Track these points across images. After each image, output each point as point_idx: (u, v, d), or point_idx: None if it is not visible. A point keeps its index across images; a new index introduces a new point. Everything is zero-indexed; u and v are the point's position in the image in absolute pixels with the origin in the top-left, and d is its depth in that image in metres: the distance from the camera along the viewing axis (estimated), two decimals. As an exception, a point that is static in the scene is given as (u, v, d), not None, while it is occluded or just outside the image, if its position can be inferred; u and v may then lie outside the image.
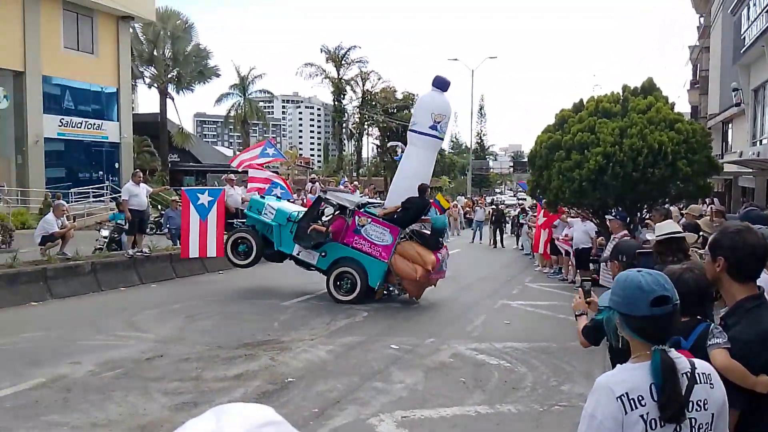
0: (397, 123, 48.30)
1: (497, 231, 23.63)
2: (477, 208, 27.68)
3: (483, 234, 25.29)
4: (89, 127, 28.67)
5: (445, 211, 19.15)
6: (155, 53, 39.33)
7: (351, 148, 61.47)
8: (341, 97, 54.31)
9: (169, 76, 40.08)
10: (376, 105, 53.77)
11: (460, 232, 29.14)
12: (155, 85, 40.24)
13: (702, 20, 33.23)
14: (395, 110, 51.22)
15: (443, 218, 13.13)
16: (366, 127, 55.95)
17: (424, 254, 10.61)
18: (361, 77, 54.38)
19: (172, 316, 9.35)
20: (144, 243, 12.99)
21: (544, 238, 15.24)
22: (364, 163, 58.88)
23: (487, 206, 29.02)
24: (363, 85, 54.77)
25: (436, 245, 11.04)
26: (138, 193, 12.71)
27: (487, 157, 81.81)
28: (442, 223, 12.09)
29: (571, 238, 13.26)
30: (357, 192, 21.76)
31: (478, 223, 25.72)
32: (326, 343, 7.90)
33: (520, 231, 22.41)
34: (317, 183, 26.12)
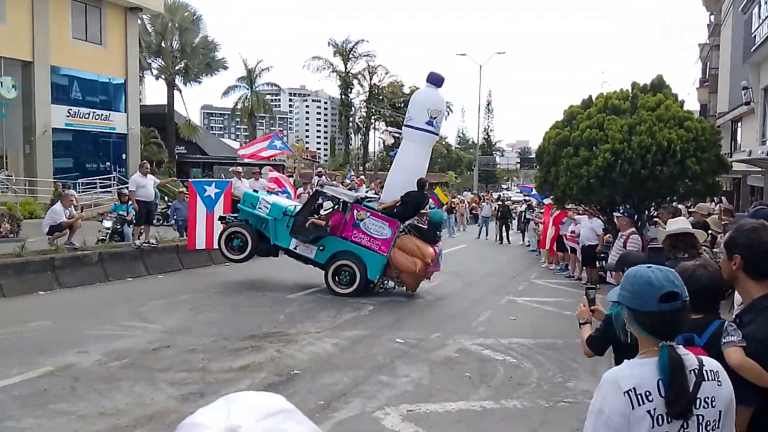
0: (404, 117, 48.23)
1: (503, 227, 23.62)
2: (483, 203, 27.62)
3: (489, 230, 25.27)
4: (97, 117, 28.72)
5: (443, 205, 19.32)
6: (163, 45, 39.32)
7: (358, 142, 61.47)
8: (348, 90, 54.28)
9: (177, 67, 40.07)
10: (383, 99, 53.76)
11: (466, 228, 29.11)
12: (163, 77, 40.24)
13: (712, 18, 32.99)
14: (402, 104, 51.12)
15: (441, 212, 13.47)
16: (373, 121, 55.91)
17: (423, 247, 10.85)
18: (369, 71, 54.36)
19: (178, 307, 9.38)
20: (151, 234, 13.03)
21: (551, 234, 15.22)
22: (370, 158, 58.85)
23: (493, 202, 28.94)
24: (370, 79, 54.76)
25: (433, 239, 11.30)
26: (145, 184, 12.75)
27: (494, 152, 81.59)
28: (440, 217, 12.36)
29: (578, 235, 13.23)
30: (363, 186, 21.76)
31: (485, 219, 25.69)
32: (332, 336, 7.91)
33: (526, 227, 22.37)
34: (324, 176, 26.14)
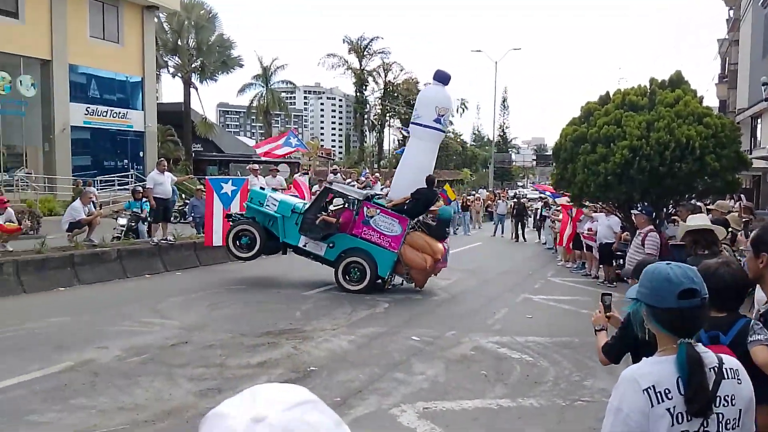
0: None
1: (519, 225, 23.50)
2: (499, 201, 27.51)
3: (504, 227, 25.17)
4: (114, 115, 28.98)
5: (451, 202, 19.43)
6: (179, 43, 39.58)
7: (372, 140, 61.48)
8: (363, 88, 54.32)
9: (193, 65, 40.32)
10: (398, 96, 53.70)
11: (481, 226, 29.02)
12: (179, 75, 40.52)
13: (731, 13, 32.55)
14: (417, 102, 51.01)
15: (449, 209, 13.65)
16: (388, 118, 55.89)
17: (432, 244, 10.96)
18: (384, 68, 54.35)
19: (196, 304, 9.46)
20: (168, 231, 13.13)
21: (569, 232, 15.13)
22: (385, 155, 58.84)
23: (509, 200, 28.81)
24: (385, 76, 54.74)
25: (442, 235, 11.41)
26: (162, 181, 12.84)
27: (509, 150, 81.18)
28: (449, 214, 12.48)
29: (595, 233, 13.13)
30: (378, 184, 21.78)
31: (500, 217, 25.58)
32: (348, 334, 7.94)
33: (542, 225, 22.24)
34: (339, 174, 26.19)
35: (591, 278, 13.74)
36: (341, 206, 11.76)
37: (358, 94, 54.82)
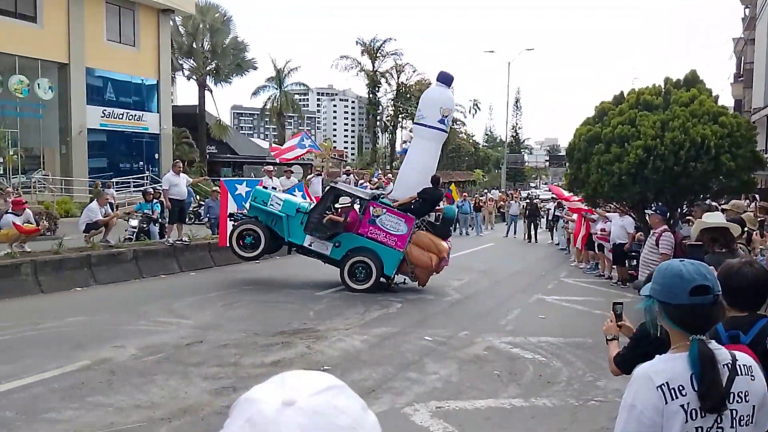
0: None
1: (532, 225, 23.42)
2: (512, 202, 27.43)
3: (517, 228, 25.10)
4: (130, 118, 29.27)
5: (455, 201, 19.61)
6: (194, 46, 39.83)
7: (385, 141, 61.50)
8: (376, 89, 54.35)
9: (208, 68, 40.57)
10: (410, 97, 53.63)
11: (494, 227, 28.95)
12: (194, 78, 40.78)
13: (747, 11, 32.20)
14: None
15: (454, 208, 13.87)
16: (400, 119, 55.89)
17: (437, 243, 11.09)
18: (396, 69, 54.36)
19: (210, 304, 9.55)
20: (183, 232, 13.25)
21: (582, 233, 15.07)
22: (397, 156, 58.85)
23: (521, 200, 28.72)
24: (398, 78, 54.75)
25: (446, 234, 11.59)
26: (178, 183, 12.96)
27: (522, 150, 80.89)
28: (453, 213, 12.68)
29: (609, 233, 13.07)
30: (391, 184, 21.79)
31: (513, 217, 25.52)
32: (361, 333, 7.97)
33: (555, 225, 22.14)
34: (352, 175, 26.27)
35: (604, 279, 13.68)
36: (347, 205, 11.81)
37: (370, 95, 54.88)
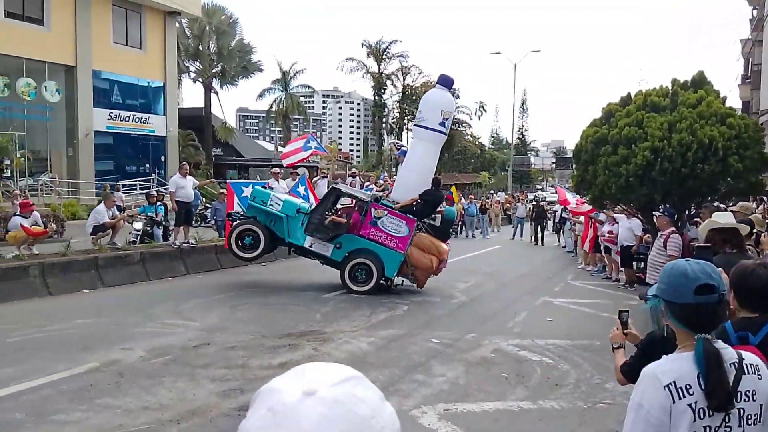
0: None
1: (538, 228, 23.35)
2: (518, 204, 27.38)
3: (524, 230, 25.03)
4: (137, 120, 29.39)
5: (454, 203, 19.85)
6: (200, 48, 40.01)
7: (390, 144, 61.52)
8: (382, 91, 54.39)
9: (214, 71, 40.73)
10: (416, 99, 53.60)
11: (500, 229, 28.90)
12: (200, 80, 40.96)
13: (755, 12, 32.07)
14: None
15: (454, 210, 14.07)
16: (406, 121, 55.88)
17: (438, 245, 11.22)
18: (402, 71, 54.39)
19: (217, 306, 9.57)
20: (190, 234, 13.28)
21: (590, 235, 15.02)
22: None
23: (528, 203, 28.66)
24: (403, 80, 54.77)
25: (446, 236, 11.78)
26: (184, 185, 13.00)
27: (528, 152, 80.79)
28: (453, 215, 12.87)
29: (616, 236, 13.02)
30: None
31: (519, 220, 25.45)
32: (367, 336, 7.97)
33: (562, 228, 22.08)
34: (358, 177, 26.25)
35: (612, 281, 13.63)
36: (348, 206, 11.81)
37: (376, 97, 54.91)
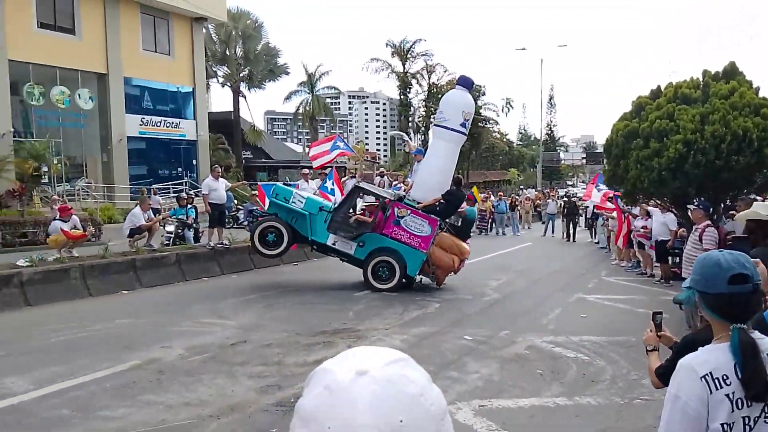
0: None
1: (570, 224, 23.07)
2: (548, 200, 27.14)
3: (555, 227, 24.80)
4: (168, 125, 29.91)
5: (476, 203, 20.08)
6: (227, 53, 40.52)
7: (417, 142, 61.49)
8: (407, 90, 54.36)
9: (241, 75, 41.21)
10: (441, 98, 53.54)
11: (530, 226, 28.69)
12: (228, 84, 41.48)
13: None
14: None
15: (475, 210, 14.24)
16: (432, 120, 55.79)
17: (459, 244, 11.32)
18: (427, 70, 54.26)
19: (252, 305, 9.73)
20: (224, 235, 13.50)
21: (624, 231, 14.83)
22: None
23: (558, 199, 28.37)
24: (429, 78, 54.66)
25: (467, 235, 11.87)
26: (217, 187, 13.21)
27: (557, 148, 79.98)
28: (474, 214, 13.08)
29: (650, 230, 12.85)
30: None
31: (550, 216, 25.22)
32: (400, 333, 8.02)
33: (594, 223, 21.83)
34: (386, 177, 26.32)
35: (646, 277, 13.45)
36: (372, 204, 11.87)
37: (402, 96, 54.91)
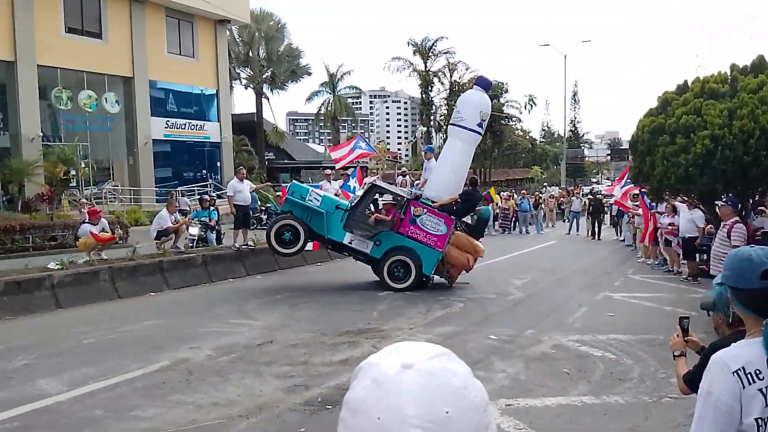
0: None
1: (596, 222, 22.78)
2: (572, 198, 26.87)
3: (579, 225, 24.55)
4: (192, 128, 30.28)
5: (492, 202, 20.24)
6: (250, 54, 40.85)
7: (439, 141, 61.36)
8: (429, 89, 54.28)
9: (264, 76, 41.51)
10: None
11: (555, 224, 28.45)
12: (251, 86, 41.82)
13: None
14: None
15: (489, 209, 14.37)
16: (454, 118, 55.55)
17: (475, 244, 11.41)
18: (449, 68, 54.12)
19: (277, 305, 9.82)
20: (249, 237, 13.63)
21: (650, 228, 14.65)
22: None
23: (583, 196, 28.06)
24: (450, 76, 54.50)
25: (480, 234, 11.98)
26: (242, 189, 13.35)
27: (581, 145, 79.20)
28: (489, 214, 13.21)
29: (677, 227, 12.67)
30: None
31: (575, 214, 24.94)
32: (424, 333, 8.03)
33: (619, 221, 21.57)
34: (408, 176, 26.30)
35: (673, 274, 13.27)
36: (391, 203, 11.87)
37: (423, 95, 54.84)
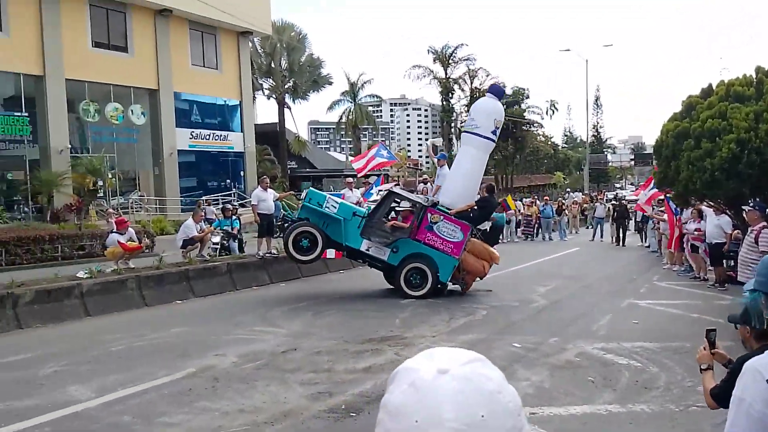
0: (507, 119, 47.51)
1: (620, 228, 22.49)
2: (596, 204, 26.61)
3: (603, 231, 24.29)
4: (216, 138, 30.64)
5: (509, 209, 20.32)
6: (272, 65, 41.26)
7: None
8: (449, 96, 54.21)
9: (286, 86, 41.89)
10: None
11: (578, 230, 28.20)
12: (273, 96, 42.22)
13: None
14: (505, 106, 50.33)
15: (503, 216, 14.49)
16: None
17: (491, 251, 11.46)
18: (469, 75, 53.96)
19: (300, 313, 9.89)
20: (273, 245, 13.76)
21: (675, 234, 14.46)
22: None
23: (606, 202, 27.77)
24: (471, 83, 54.34)
25: (494, 241, 12.07)
26: (266, 198, 13.49)
27: (604, 150, 78.39)
28: (503, 221, 13.36)
29: (703, 233, 12.49)
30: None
31: (599, 220, 24.69)
32: (447, 340, 8.02)
33: (644, 227, 21.31)
34: (429, 183, 26.30)
35: (700, 281, 13.07)
36: (409, 210, 11.87)
37: (444, 102, 54.75)
